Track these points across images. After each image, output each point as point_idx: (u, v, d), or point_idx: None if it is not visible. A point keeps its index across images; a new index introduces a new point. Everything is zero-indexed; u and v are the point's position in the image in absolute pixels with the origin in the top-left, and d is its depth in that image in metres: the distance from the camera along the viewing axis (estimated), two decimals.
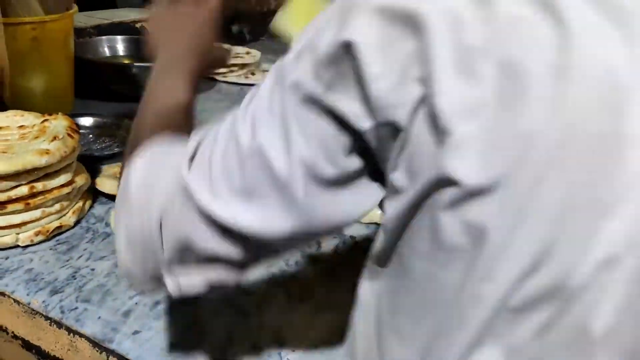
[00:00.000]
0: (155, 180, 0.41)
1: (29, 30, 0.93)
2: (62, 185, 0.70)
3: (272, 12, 1.82)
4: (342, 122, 0.34)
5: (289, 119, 0.36)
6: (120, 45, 1.27)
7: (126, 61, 1.23)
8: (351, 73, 0.33)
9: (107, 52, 1.24)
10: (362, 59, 0.32)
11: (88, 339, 0.56)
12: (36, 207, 0.68)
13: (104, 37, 1.25)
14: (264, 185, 0.36)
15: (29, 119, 0.77)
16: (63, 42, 1.02)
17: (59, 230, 0.71)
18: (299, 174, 0.35)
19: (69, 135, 0.72)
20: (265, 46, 1.81)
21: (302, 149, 0.35)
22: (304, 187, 0.36)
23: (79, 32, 1.27)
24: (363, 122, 0.33)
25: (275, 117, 0.36)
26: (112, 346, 0.55)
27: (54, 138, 0.70)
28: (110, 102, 1.11)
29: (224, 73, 1.42)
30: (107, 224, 0.74)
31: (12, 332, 0.61)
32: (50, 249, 0.68)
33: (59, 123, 0.75)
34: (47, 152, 0.67)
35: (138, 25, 1.47)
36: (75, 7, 1.04)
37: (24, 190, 0.67)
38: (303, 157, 0.35)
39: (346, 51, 0.33)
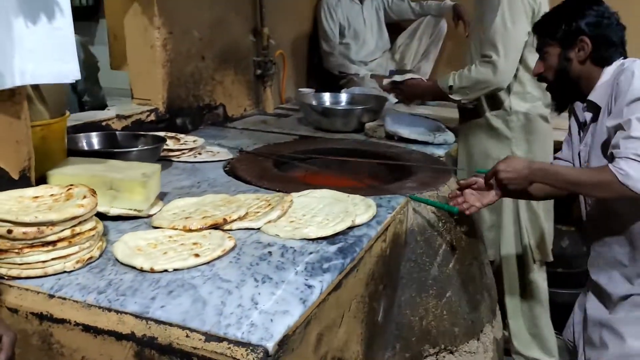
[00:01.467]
0: None
1: (39, 130, 1.26)
2: (90, 229, 1.02)
3: (206, 107, 2.23)
4: None
5: None
6: (94, 139, 1.61)
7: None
8: None
9: (85, 145, 1.57)
10: None
11: (131, 314, 0.87)
12: (75, 244, 0.99)
13: (81, 134, 1.59)
14: None
15: (56, 189, 1.09)
16: (61, 138, 1.35)
17: (90, 260, 1.02)
18: None
19: (92, 195, 1.05)
20: (203, 132, 2.20)
21: None
22: None
23: None
24: None
25: None
26: (148, 315, 0.87)
27: (84, 197, 1.03)
28: None
29: (178, 155, 1.77)
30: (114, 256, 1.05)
31: (75, 321, 0.90)
32: (87, 272, 0.99)
33: (80, 189, 1.07)
34: (82, 205, 1.00)
35: (104, 123, 1.82)
36: (68, 112, 1.38)
37: (67, 232, 0.98)
38: None
39: None
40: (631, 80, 1.32)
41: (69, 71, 1.03)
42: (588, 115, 1.48)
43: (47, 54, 0.99)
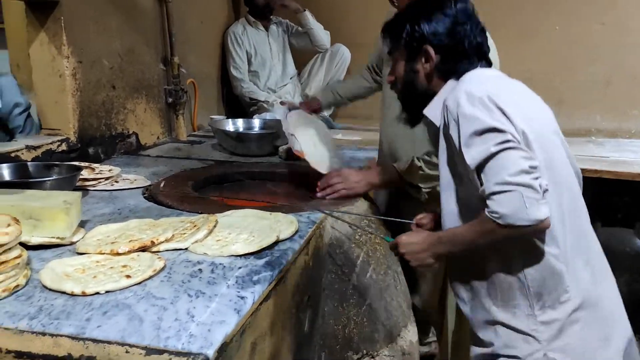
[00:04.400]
0: None
1: None
2: (15, 257, 1.01)
3: (119, 135, 2.22)
4: None
5: None
6: (4, 170, 1.56)
7: None
8: None
9: None
10: None
11: (67, 336, 0.88)
12: (1, 273, 0.98)
13: None
14: None
15: None
16: None
17: (16, 288, 1.01)
18: None
19: (16, 223, 1.04)
20: (116, 161, 2.19)
21: None
22: None
23: None
24: None
25: None
26: (85, 336, 0.88)
27: (8, 225, 1.02)
28: None
29: (94, 184, 1.75)
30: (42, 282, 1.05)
31: (6, 349, 0.89)
32: (15, 300, 0.98)
33: (3, 218, 1.06)
34: (7, 233, 0.99)
35: (13, 154, 1.76)
36: None
37: None
38: None
39: None
40: (456, 108, 1.15)
41: None
42: (432, 130, 1.34)
43: None
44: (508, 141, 1.09)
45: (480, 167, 1.11)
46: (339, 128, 3.26)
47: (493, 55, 1.39)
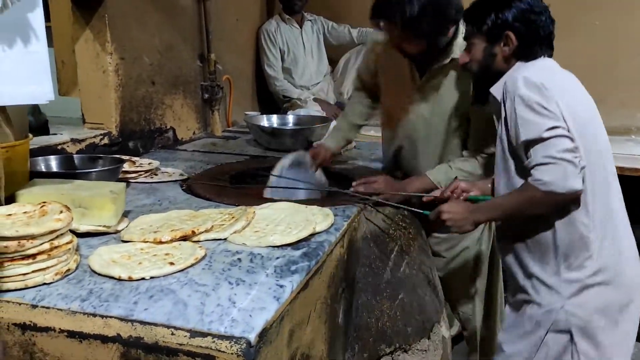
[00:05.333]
0: None
1: (4, 152, 1.28)
2: (67, 243, 1.07)
3: (157, 130, 2.28)
4: None
5: None
6: (53, 162, 1.63)
7: None
8: None
9: (43, 168, 1.59)
10: None
11: (116, 317, 0.93)
12: (54, 257, 1.03)
13: (40, 157, 1.61)
14: None
15: (28, 207, 1.12)
16: (25, 160, 1.38)
17: (68, 272, 1.06)
18: None
19: (67, 210, 1.09)
20: (155, 155, 2.25)
21: None
22: None
23: None
24: None
25: None
26: (133, 318, 0.92)
27: (61, 212, 1.07)
28: None
29: (135, 177, 1.81)
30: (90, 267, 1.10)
31: (60, 329, 0.94)
32: (66, 283, 1.03)
33: (55, 205, 1.11)
34: (60, 219, 1.04)
35: (59, 147, 1.84)
36: (30, 135, 1.41)
37: (46, 246, 1.02)
38: None
39: None
40: (514, 89, 1.34)
41: (43, 92, 1.08)
42: (495, 107, 1.48)
43: (23, 77, 1.04)
44: (557, 127, 1.29)
45: (530, 143, 1.31)
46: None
47: None
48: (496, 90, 1.44)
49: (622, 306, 1.41)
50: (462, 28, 1.69)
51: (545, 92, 1.31)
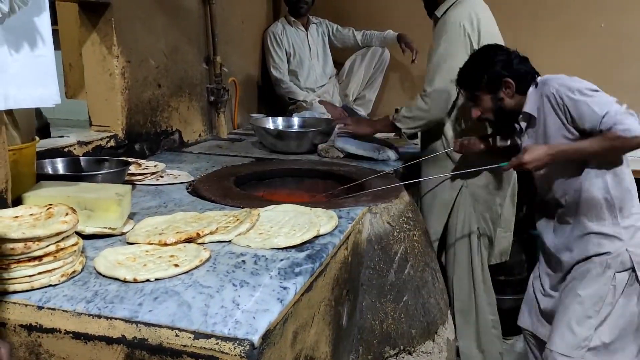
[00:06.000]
0: None
1: (11, 154, 1.30)
2: (73, 245, 1.07)
3: (163, 133, 2.29)
4: None
5: None
6: (59, 164, 1.64)
7: None
8: None
9: (50, 170, 1.61)
10: None
11: (121, 319, 0.93)
12: (60, 259, 1.04)
13: (46, 160, 1.62)
14: None
15: (35, 209, 1.13)
16: (32, 163, 1.39)
17: (73, 274, 1.07)
18: None
19: (73, 212, 1.10)
20: (160, 157, 2.26)
21: None
22: None
23: None
24: None
25: None
26: (137, 319, 0.93)
27: (67, 214, 1.08)
28: None
29: (141, 179, 1.82)
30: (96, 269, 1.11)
31: (65, 330, 0.95)
32: (72, 285, 1.04)
33: (61, 208, 1.12)
34: (66, 222, 1.05)
35: (66, 149, 1.85)
36: (37, 138, 1.42)
37: (52, 248, 1.03)
38: None
39: None
40: (565, 90, 1.71)
41: (49, 96, 1.09)
42: (523, 124, 1.85)
43: (29, 80, 1.05)
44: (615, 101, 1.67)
45: (605, 116, 1.62)
46: None
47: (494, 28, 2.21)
48: (528, 107, 1.80)
49: None
50: None
51: (581, 80, 1.71)
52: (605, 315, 1.77)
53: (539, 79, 1.81)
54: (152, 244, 1.22)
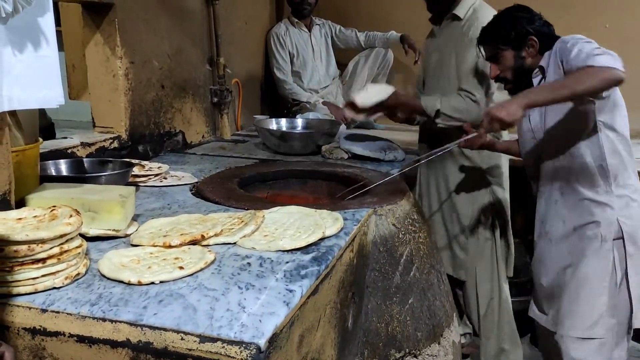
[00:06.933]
0: None
1: (14, 156, 1.29)
2: (77, 247, 1.06)
3: (166, 134, 2.28)
4: None
5: None
6: (62, 166, 1.64)
7: None
8: None
9: (53, 172, 1.60)
10: None
11: (126, 322, 0.92)
12: (63, 262, 1.03)
13: (50, 161, 1.61)
14: None
15: (38, 211, 1.13)
16: (35, 164, 1.38)
17: (77, 277, 1.06)
18: None
19: (77, 214, 1.09)
20: (164, 158, 2.25)
21: None
22: None
23: None
24: None
25: None
26: (142, 323, 0.92)
27: (70, 216, 1.07)
28: None
29: (145, 180, 1.82)
30: (100, 272, 1.10)
31: (69, 333, 0.94)
32: (76, 287, 1.03)
33: (64, 209, 1.11)
34: (70, 224, 1.04)
35: (69, 151, 1.84)
36: (40, 139, 1.42)
37: (56, 250, 1.02)
38: None
39: None
40: (566, 39, 1.70)
41: (53, 97, 1.09)
42: (537, 79, 1.80)
43: (33, 81, 1.05)
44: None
45: (577, 52, 1.60)
46: (381, 129, 3.27)
47: None
48: (544, 62, 1.78)
49: None
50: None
51: (589, 40, 1.65)
52: (616, 285, 1.74)
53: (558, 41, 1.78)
54: (156, 246, 1.21)
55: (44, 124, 2.33)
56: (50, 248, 1.01)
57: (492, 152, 2.19)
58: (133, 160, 1.92)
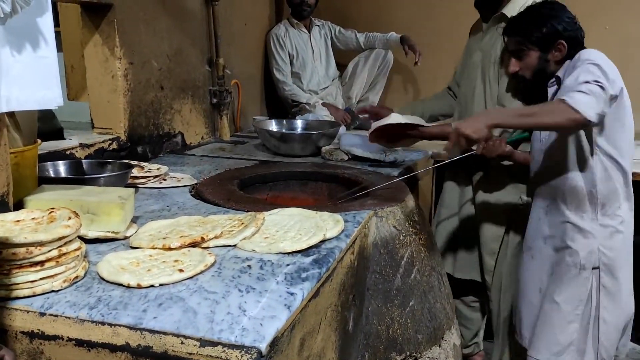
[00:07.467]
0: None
1: (12, 157, 1.28)
2: (75, 249, 1.05)
3: (166, 135, 2.27)
4: None
5: None
6: (61, 167, 1.62)
7: None
8: None
9: (52, 173, 1.59)
10: None
11: (125, 326, 0.91)
12: (62, 264, 1.02)
13: (48, 163, 1.60)
14: None
15: (37, 212, 1.11)
16: (33, 165, 1.37)
17: (76, 280, 1.05)
18: None
19: (76, 216, 1.08)
20: (163, 160, 2.24)
21: None
22: None
23: None
24: None
25: None
26: (142, 326, 0.91)
27: (69, 218, 1.06)
28: None
29: (144, 182, 1.80)
30: (99, 274, 1.08)
31: (67, 337, 0.93)
32: (75, 290, 1.02)
33: (63, 211, 1.10)
34: (68, 226, 1.03)
35: (67, 152, 1.83)
36: (39, 141, 1.40)
37: (55, 252, 1.01)
38: None
39: None
40: (581, 56, 1.62)
41: (52, 98, 1.07)
42: (553, 90, 1.73)
43: (32, 82, 1.03)
44: (602, 84, 1.50)
45: (576, 74, 1.53)
46: None
47: None
48: (560, 72, 1.71)
49: (630, 253, 1.76)
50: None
51: (613, 67, 1.59)
52: (589, 315, 1.72)
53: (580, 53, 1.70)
54: (155, 248, 1.20)
55: (53, 129, 2.33)
56: (49, 251, 1.00)
57: None
58: (132, 162, 1.91)
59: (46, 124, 2.43)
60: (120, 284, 1.04)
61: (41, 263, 0.99)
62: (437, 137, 1.93)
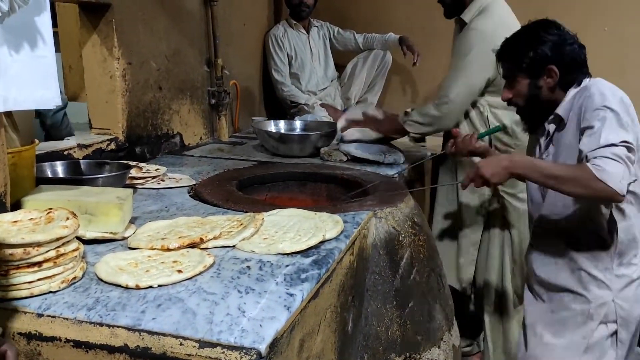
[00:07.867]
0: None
1: (10, 157, 1.27)
2: (73, 250, 1.05)
3: (164, 135, 2.27)
4: None
5: None
6: (59, 168, 1.62)
7: None
8: None
9: (50, 174, 1.58)
10: None
11: (124, 327, 0.90)
12: (60, 265, 1.01)
13: (46, 163, 1.59)
14: None
15: (34, 213, 1.11)
16: (31, 166, 1.36)
17: (74, 280, 1.04)
18: None
19: (74, 217, 1.07)
20: (161, 160, 2.23)
21: None
22: None
23: None
24: None
25: None
26: (140, 327, 0.90)
27: (67, 218, 1.05)
28: None
29: (142, 183, 1.80)
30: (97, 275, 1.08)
31: (65, 338, 0.92)
32: (73, 291, 1.01)
33: (61, 212, 1.09)
34: (66, 226, 1.02)
35: (66, 152, 1.82)
36: (37, 141, 1.40)
37: (52, 253, 1.00)
38: None
39: None
40: (592, 97, 1.45)
41: (50, 97, 1.07)
42: (552, 127, 1.59)
43: (30, 81, 1.03)
44: (630, 143, 1.36)
45: (597, 133, 1.37)
46: None
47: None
48: (562, 111, 1.55)
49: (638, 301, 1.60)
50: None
51: (629, 108, 1.44)
52: None
53: (585, 80, 1.55)
54: (154, 249, 1.20)
55: (65, 134, 2.30)
56: (47, 251, 0.99)
57: None
58: (130, 162, 1.90)
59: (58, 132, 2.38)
60: (119, 285, 1.03)
61: (39, 264, 0.99)
62: (390, 132, 2.27)
